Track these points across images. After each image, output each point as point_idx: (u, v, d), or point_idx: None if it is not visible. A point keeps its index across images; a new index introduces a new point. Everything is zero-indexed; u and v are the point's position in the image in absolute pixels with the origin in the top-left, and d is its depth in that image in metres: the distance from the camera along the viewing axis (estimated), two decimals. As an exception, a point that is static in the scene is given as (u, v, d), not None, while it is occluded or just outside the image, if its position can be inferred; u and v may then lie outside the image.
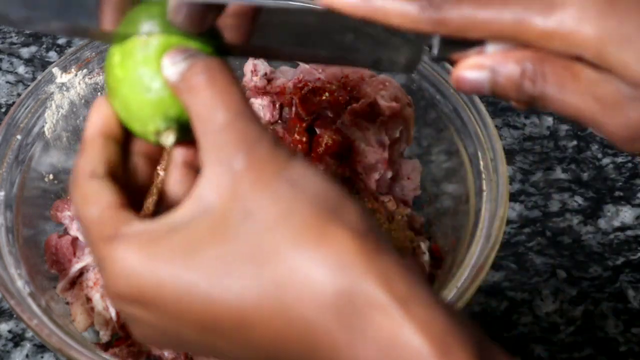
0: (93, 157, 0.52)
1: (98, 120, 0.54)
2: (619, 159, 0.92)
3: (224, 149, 0.47)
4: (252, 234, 0.45)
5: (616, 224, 0.88)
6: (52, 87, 0.76)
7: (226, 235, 0.45)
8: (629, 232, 0.87)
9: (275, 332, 0.45)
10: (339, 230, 0.45)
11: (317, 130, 0.78)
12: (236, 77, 0.50)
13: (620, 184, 0.90)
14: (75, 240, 0.74)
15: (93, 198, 0.49)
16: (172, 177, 0.54)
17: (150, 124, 0.53)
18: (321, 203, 0.45)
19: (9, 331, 0.80)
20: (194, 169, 0.53)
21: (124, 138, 0.54)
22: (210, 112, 0.48)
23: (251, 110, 0.48)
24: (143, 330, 0.49)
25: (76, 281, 0.73)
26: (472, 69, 0.50)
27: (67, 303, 0.73)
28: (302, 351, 0.45)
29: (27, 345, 0.79)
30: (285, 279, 0.44)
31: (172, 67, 0.50)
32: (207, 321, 0.46)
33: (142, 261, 0.46)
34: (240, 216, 0.45)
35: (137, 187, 0.54)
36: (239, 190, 0.46)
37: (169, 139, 0.53)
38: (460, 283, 0.65)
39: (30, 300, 0.66)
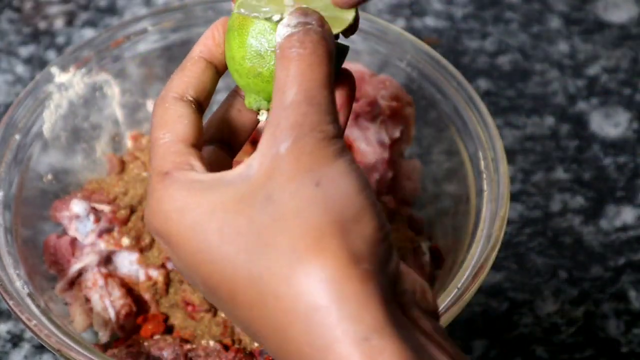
0: (190, 78, 0.54)
1: (207, 43, 0.55)
2: (621, 159, 0.92)
3: (279, 128, 0.47)
4: (265, 218, 0.46)
5: (618, 224, 0.87)
6: (50, 87, 0.76)
7: (247, 209, 0.46)
8: (631, 233, 0.87)
9: (252, 319, 0.46)
10: (336, 248, 0.45)
11: (317, 130, 0.77)
12: (332, 57, 0.49)
13: (621, 184, 0.90)
14: (74, 240, 0.73)
15: (171, 122, 0.52)
16: None
17: (251, 95, 0.54)
18: (335, 213, 0.46)
19: (8, 332, 0.80)
20: None
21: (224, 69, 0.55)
22: (284, 87, 0.48)
23: (326, 97, 0.48)
24: (172, 260, 0.50)
25: (75, 282, 0.73)
26: None
27: (66, 303, 0.73)
28: (271, 345, 0.46)
29: (26, 346, 0.79)
30: (272, 276, 0.45)
31: (282, 30, 0.50)
32: (209, 281, 0.47)
33: (176, 212, 0.48)
34: (263, 198, 0.46)
35: (235, 126, 0.56)
36: (273, 174, 0.46)
37: (262, 116, 0.54)
38: (461, 283, 0.65)
39: (29, 301, 0.66)
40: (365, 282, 0.45)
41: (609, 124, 0.95)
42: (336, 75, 0.53)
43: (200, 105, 0.54)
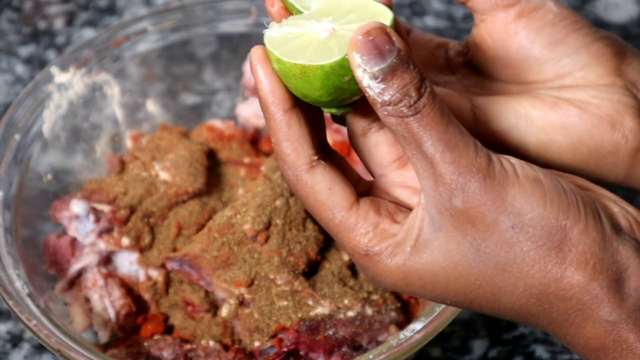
0: (295, 144, 0.49)
1: (269, 101, 0.49)
2: (620, 159, 0.92)
3: (439, 185, 0.47)
4: (488, 268, 0.49)
5: (617, 224, 0.87)
6: (50, 87, 0.76)
7: (459, 266, 0.49)
8: (631, 233, 0.87)
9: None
10: (569, 273, 0.48)
11: (317, 130, 0.77)
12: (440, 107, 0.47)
13: (621, 184, 0.90)
14: (73, 240, 0.73)
15: (327, 201, 0.50)
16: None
17: (332, 109, 0.50)
18: (545, 243, 0.48)
19: (8, 332, 0.80)
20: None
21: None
22: (421, 143, 0.47)
23: (455, 132, 0.47)
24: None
25: (75, 282, 0.73)
26: None
27: (66, 304, 0.73)
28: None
29: (26, 346, 0.79)
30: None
31: (373, 82, 0.46)
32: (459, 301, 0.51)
33: (402, 281, 0.50)
34: (472, 253, 0.48)
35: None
36: (465, 230, 0.48)
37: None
38: (461, 283, 0.65)
39: (28, 301, 0.66)
40: (602, 271, 0.49)
41: (608, 124, 0.94)
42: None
43: (324, 146, 0.51)
